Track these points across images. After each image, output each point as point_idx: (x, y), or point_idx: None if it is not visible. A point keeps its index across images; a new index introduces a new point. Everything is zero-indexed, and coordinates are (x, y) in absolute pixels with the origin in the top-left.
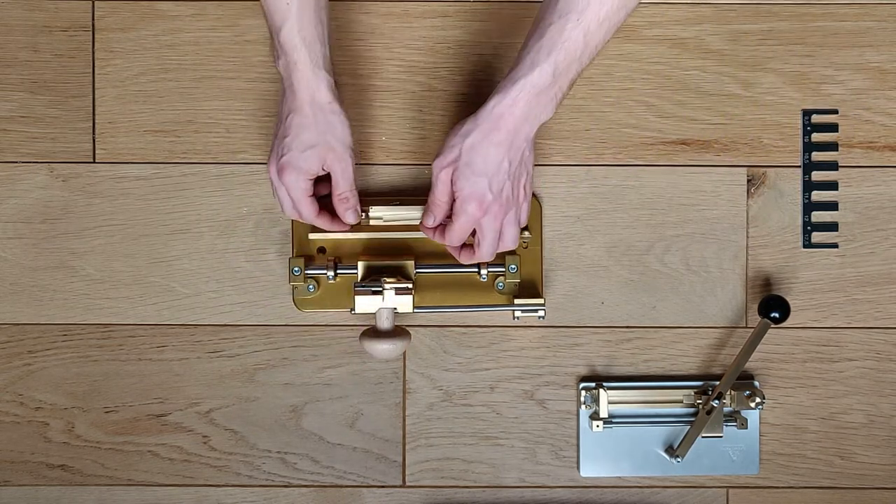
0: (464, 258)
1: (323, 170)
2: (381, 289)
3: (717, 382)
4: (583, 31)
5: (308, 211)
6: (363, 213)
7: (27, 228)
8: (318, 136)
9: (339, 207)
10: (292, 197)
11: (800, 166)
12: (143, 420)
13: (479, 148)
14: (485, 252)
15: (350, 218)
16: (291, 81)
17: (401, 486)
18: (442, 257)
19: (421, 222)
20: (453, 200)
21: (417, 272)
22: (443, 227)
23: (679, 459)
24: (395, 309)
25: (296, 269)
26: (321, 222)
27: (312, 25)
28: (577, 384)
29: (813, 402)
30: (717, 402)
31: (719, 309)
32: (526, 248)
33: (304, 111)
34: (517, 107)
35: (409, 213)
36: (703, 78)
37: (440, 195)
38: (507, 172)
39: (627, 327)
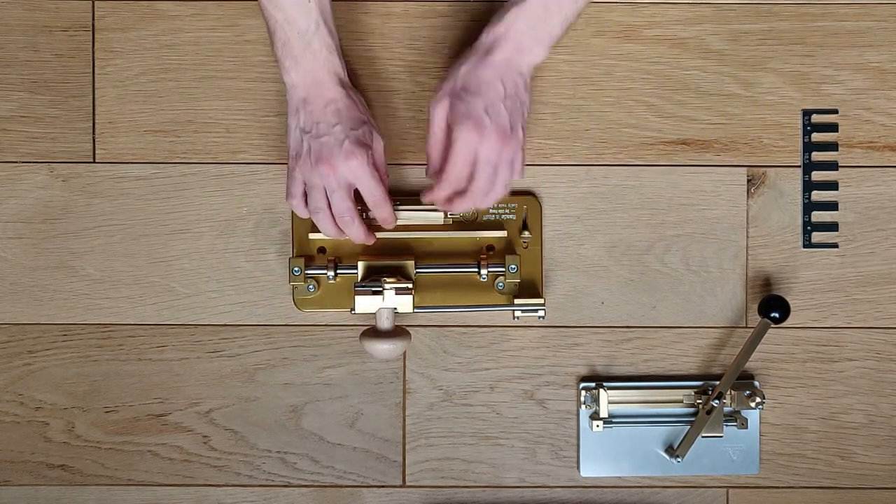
0: (456, 205)
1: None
2: (381, 289)
3: (717, 382)
4: None
5: (380, 185)
6: (364, 214)
7: (27, 228)
8: (363, 113)
9: (381, 166)
10: (362, 180)
11: (800, 166)
12: (144, 420)
13: (473, 72)
14: (478, 189)
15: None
16: (319, 78)
17: (401, 486)
18: (442, 257)
19: (427, 174)
20: (449, 144)
21: (417, 272)
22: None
23: (679, 459)
24: (396, 309)
25: (296, 268)
26: (389, 214)
27: (330, 12)
28: (577, 384)
29: (813, 401)
30: (717, 401)
31: (719, 309)
32: (526, 247)
33: (342, 97)
34: (509, 34)
35: (413, 213)
36: (703, 78)
37: (435, 133)
38: (501, 98)
39: (627, 327)
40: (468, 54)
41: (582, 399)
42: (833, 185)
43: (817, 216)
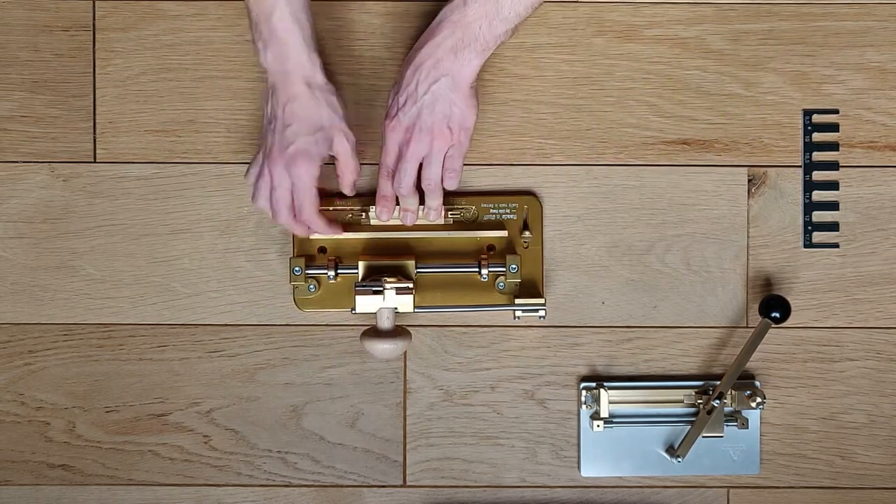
0: (401, 203)
1: (329, 153)
2: (381, 288)
3: (718, 382)
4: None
5: (312, 206)
6: (363, 214)
7: (28, 228)
8: (324, 118)
9: (347, 179)
10: (299, 190)
11: (800, 166)
12: (144, 420)
13: (402, 68)
14: (400, 178)
15: (347, 187)
16: (286, 69)
17: (401, 486)
18: (443, 257)
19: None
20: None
21: (418, 272)
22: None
23: (680, 459)
24: (396, 309)
25: (296, 268)
26: (319, 224)
27: (302, 6)
28: (578, 384)
29: (814, 401)
30: (717, 401)
31: (720, 309)
32: (527, 247)
33: (304, 96)
34: (437, 30)
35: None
36: (703, 78)
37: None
38: (414, 96)
39: (628, 327)
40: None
41: (582, 399)
42: (834, 185)
43: (818, 216)
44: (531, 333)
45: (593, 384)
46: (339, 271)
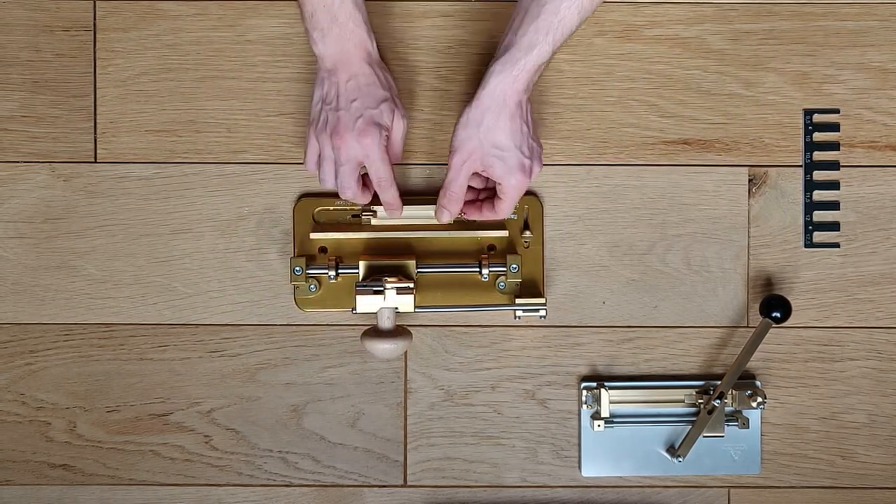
0: (485, 214)
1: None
2: (382, 288)
3: (719, 382)
4: (577, 9)
5: (391, 174)
6: (368, 216)
7: (29, 228)
8: (386, 91)
9: (394, 149)
10: (376, 160)
11: (801, 166)
12: (145, 420)
13: (496, 128)
14: (505, 208)
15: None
16: (347, 50)
17: (402, 486)
18: (444, 257)
19: (438, 218)
20: (469, 190)
21: (419, 272)
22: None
23: (680, 459)
24: (397, 308)
25: (297, 268)
26: (395, 194)
27: None
28: (579, 384)
29: (814, 401)
30: (718, 401)
31: (721, 309)
32: (527, 247)
33: (366, 71)
34: (518, 83)
35: (414, 213)
36: (704, 77)
37: (459, 189)
38: (528, 135)
39: (629, 327)
40: (481, 108)
41: (583, 399)
42: (834, 185)
43: (819, 216)
44: (532, 333)
45: (594, 384)
46: (340, 271)
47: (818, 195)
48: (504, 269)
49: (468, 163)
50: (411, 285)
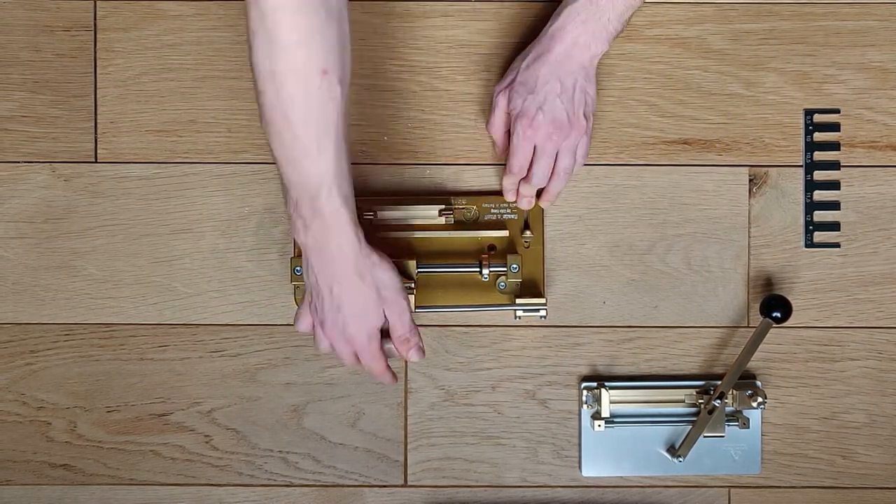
0: (522, 192)
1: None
2: None
3: (719, 382)
4: None
5: (382, 365)
6: (369, 216)
7: (29, 228)
8: (372, 295)
9: (402, 349)
10: (365, 356)
11: (802, 166)
12: (145, 420)
13: (532, 68)
14: (536, 173)
15: (414, 356)
16: (329, 250)
17: (402, 486)
18: (444, 257)
19: (497, 154)
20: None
21: (419, 272)
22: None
23: (681, 459)
24: None
25: (297, 268)
26: (386, 374)
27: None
28: (579, 384)
29: (815, 401)
30: (718, 401)
31: (721, 309)
32: (528, 247)
33: (351, 279)
34: (566, 31)
35: (414, 213)
36: (704, 77)
37: (496, 119)
38: (557, 94)
39: (629, 327)
40: (529, 50)
41: (583, 399)
42: (835, 185)
43: (819, 216)
44: (532, 333)
45: (594, 384)
46: None
47: (819, 195)
48: (504, 269)
49: (502, 92)
50: (412, 285)
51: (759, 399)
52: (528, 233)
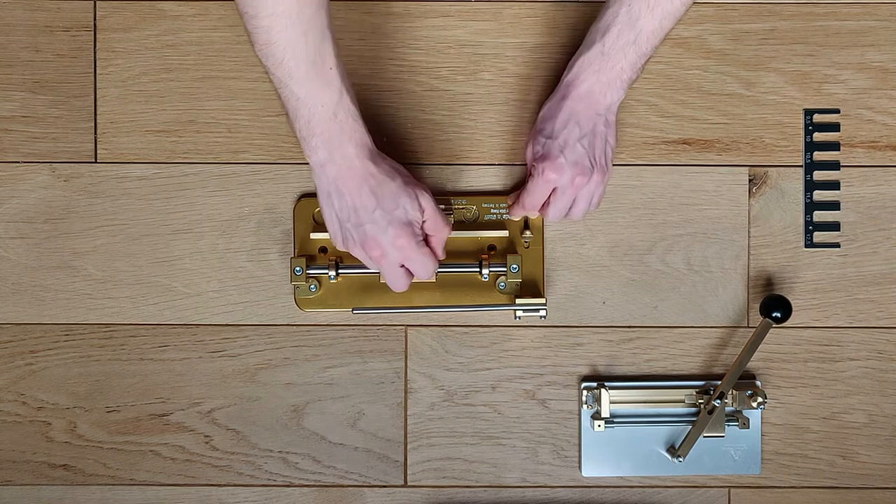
0: (516, 211)
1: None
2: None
3: (719, 382)
4: (634, 17)
5: (434, 260)
6: None
7: (29, 228)
8: (399, 182)
9: (439, 223)
10: (412, 259)
11: (801, 166)
12: (145, 420)
13: (550, 115)
14: (551, 214)
15: (446, 231)
16: (350, 152)
17: (402, 486)
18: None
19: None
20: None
21: None
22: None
23: (681, 459)
24: None
25: (297, 268)
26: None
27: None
28: (579, 384)
29: (815, 401)
30: (718, 401)
31: (721, 309)
32: (527, 247)
33: (373, 171)
34: (580, 80)
35: None
36: (704, 77)
37: (530, 168)
38: (578, 138)
39: (629, 327)
40: (550, 96)
41: (583, 399)
42: (835, 185)
43: (819, 216)
44: (532, 333)
45: (594, 384)
46: (340, 271)
47: (818, 195)
48: (504, 269)
49: (529, 143)
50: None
51: (759, 399)
52: (528, 233)
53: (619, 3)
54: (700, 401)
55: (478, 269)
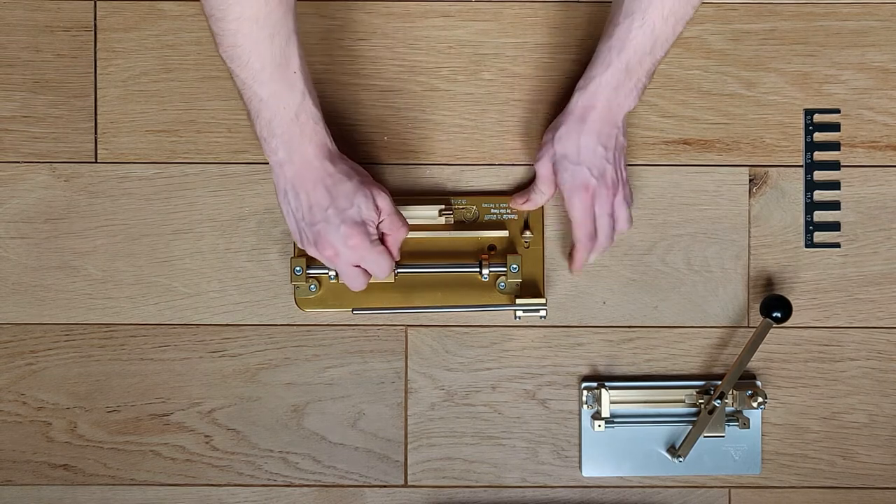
0: (580, 257)
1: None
2: None
3: (719, 382)
4: (649, 29)
5: (389, 259)
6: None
7: (29, 228)
8: (354, 182)
9: (396, 223)
10: (366, 259)
11: (802, 166)
12: (146, 420)
13: (569, 139)
14: (602, 238)
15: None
16: (309, 152)
17: (403, 486)
18: (444, 257)
19: (513, 199)
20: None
21: (419, 272)
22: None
23: (681, 459)
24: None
25: (297, 268)
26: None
27: (314, 90)
28: (579, 384)
29: (815, 401)
30: (719, 401)
31: (721, 309)
32: (528, 247)
33: (330, 170)
34: (598, 100)
35: (415, 213)
36: (705, 77)
37: (542, 185)
38: (603, 157)
39: (629, 327)
40: (562, 118)
41: (584, 399)
42: (835, 185)
43: (819, 216)
44: (532, 333)
45: (594, 384)
46: None
47: (819, 195)
48: (504, 269)
49: (545, 162)
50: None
51: (760, 399)
52: (528, 233)
53: (630, 18)
54: (700, 401)
55: (478, 269)
